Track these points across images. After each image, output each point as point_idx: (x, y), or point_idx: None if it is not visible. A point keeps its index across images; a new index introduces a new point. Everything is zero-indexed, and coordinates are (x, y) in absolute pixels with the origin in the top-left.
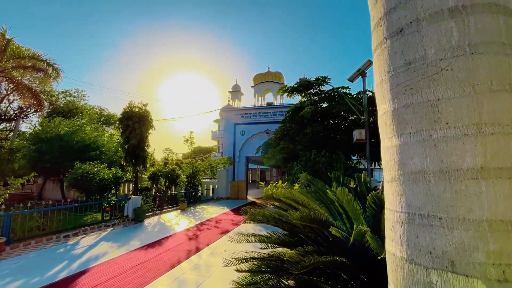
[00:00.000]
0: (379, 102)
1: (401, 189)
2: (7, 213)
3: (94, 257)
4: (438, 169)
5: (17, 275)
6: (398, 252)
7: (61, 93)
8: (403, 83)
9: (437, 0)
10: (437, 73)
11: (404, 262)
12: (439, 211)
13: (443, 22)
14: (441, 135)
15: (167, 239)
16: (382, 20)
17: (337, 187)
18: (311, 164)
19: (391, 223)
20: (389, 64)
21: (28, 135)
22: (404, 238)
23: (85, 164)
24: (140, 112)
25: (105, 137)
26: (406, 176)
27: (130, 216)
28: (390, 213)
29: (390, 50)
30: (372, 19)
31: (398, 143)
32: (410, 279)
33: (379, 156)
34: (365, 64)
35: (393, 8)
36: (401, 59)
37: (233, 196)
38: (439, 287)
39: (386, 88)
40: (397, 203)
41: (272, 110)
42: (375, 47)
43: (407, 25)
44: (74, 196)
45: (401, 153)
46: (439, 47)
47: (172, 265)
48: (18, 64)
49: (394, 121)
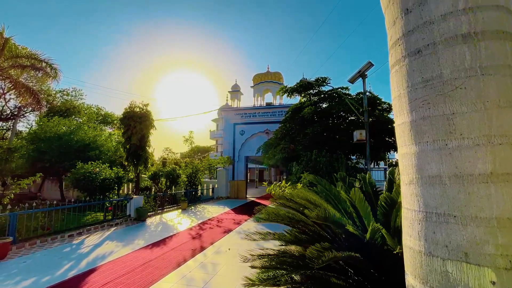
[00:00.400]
0: (396, 112)
1: (418, 191)
2: (13, 213)
3: (101, 256)
4: (453, 174)
5: (26, 274)
6: (416, 246)
7: (58, 92)
8: (420, 98)
9: (452, 26)
10: (452, 91)
11: (422, 255)
12: (454, 210)
13: (457, 46)
14: (456, 145)
15: (171, 238)
16: (400, 40)
17: (342, 187)
18: (312, 164)
19: (409, 221)
20: (407, 80)
21: (25, 135)
22: (422, 234)
23: (87, 164)
24: (141, 111)
25: (104, 136)
26: (423, 180)
27: (133, 215)
28: (408, 212)
29: (408, 68)
30: (390, 37)
31: (416, 151)
32: (428, 269)
33: (378, 156)
34: (365, 65)
35: (411, 30)
36: (419, 76)
37: (232, 195)
38: (455, 275)
39: (405, 101)
40: (415, 203)
41: (272, 110)
42: (393, 63)
43: (424, 47)
44: (73, 195)
45: (418, 159)
46: (453, 68)
47: (178, 264)
48: (17, 63)
49: (412, 131)
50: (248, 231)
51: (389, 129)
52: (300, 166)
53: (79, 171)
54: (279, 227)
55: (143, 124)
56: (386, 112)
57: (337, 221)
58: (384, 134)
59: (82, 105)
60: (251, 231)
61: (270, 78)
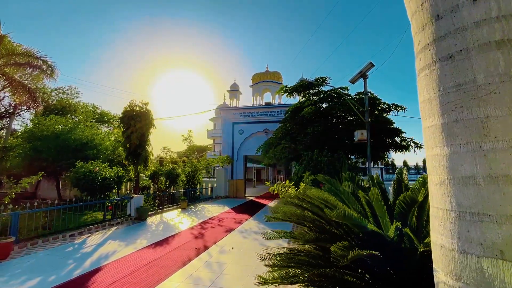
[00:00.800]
0: (426, 115)
1: (451, 191)
2: (15, 212)
3: (104, 256)
4: (488, 175)
5: (31, 274)
6: (448, 244)
7: (53, 90)
8: (453, 101)
9: (485, 33)
10: (486, 95)
11: (455, 252)
12: (488, 209)
13: (491, 52)
14: (490, 147)
15: (174, 237)
16: (430, 46)
17: (349, 186)
18: (313, 163)
19: (440, 219)
20: (439, 84)
21: (20, 133)
22: (455, 232)
23: (87, 163)
24: (141, 110)
25: (102, 135)
26: (456, 180)
27: (133, 215)
28: (439, 211)
29: (440, 72)
30: (418, 42)
31: (447, 152)
32: (462, 267)
33: (377, 156)
34: (366, 66)
35: (442, 36)
36: (451, 81)
37: (231, 195)
38: (490, 271)
39: (435, 105)
40: (447, 203)
41: (271, 110)
42: (422, 67)
43: (457, 52)
44: (70, 195)
45: (451, 160)
46: (487, 73)
47: (183, 263)
48: (13, 61)
49: (444, 133)
50: (250, 230)
51: (388, 129)
52: (302, 166)
53: (80, 170)
54: (281, 226)
55: (143, 123)
56: (384, 112)
57: (357, 220)
58: (383, 134)
59: (78, 103)
60: (254, 230)
61: (269, 78)
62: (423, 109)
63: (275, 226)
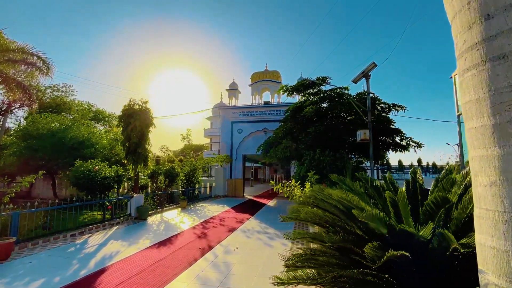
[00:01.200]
0: (471, 116)
1: (503, 192)
2: (15, 212)
3: (108, 256)
4: None
5: (34, 274)
6: (501, 246)
7: (48, 87)
8: (507, 101)
9: None
10: None
11: (509, 254)
12: None
13: None
14: None
15: (176, 237)
16: (479, 45)
17: (362, 186)
18: (316, 163)
19: (490, 221)
20: (490, 84)
21: (14, 131)
22: (508, 234)
23: (86, 162)
24: (141, 109)
25: (98, 134)
26: (509, 182)
27: (133, 214)
28: (489, 212)
29: (490, 72)
30: (462, 42)
31: (499, 153)
32: None
33: (378, 155)
34: (369, 66)
35: (493, 36)
36: (505, 81)
37: (230, 194)
38: None
39: (485, 105)
40: (499, 204)
41: (270, 109)
42: (467, 67)
43: (511, 52)
44: (66, 194)
45: (503, 161)
46: None
47: (189, 263)
48: (6, 58)
49: (496, 134)
50: (253, 230)
51: (388, 129)
52: (304, 165)
53: (79, 169)
54: (282, 226)
55: (142, 122)
56: (384, 112)
57: (387, 221)
58: (383, 133)
59: (73, 101)
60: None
61: (268, 77)
62: (469, 109)
63: (277, 226)
